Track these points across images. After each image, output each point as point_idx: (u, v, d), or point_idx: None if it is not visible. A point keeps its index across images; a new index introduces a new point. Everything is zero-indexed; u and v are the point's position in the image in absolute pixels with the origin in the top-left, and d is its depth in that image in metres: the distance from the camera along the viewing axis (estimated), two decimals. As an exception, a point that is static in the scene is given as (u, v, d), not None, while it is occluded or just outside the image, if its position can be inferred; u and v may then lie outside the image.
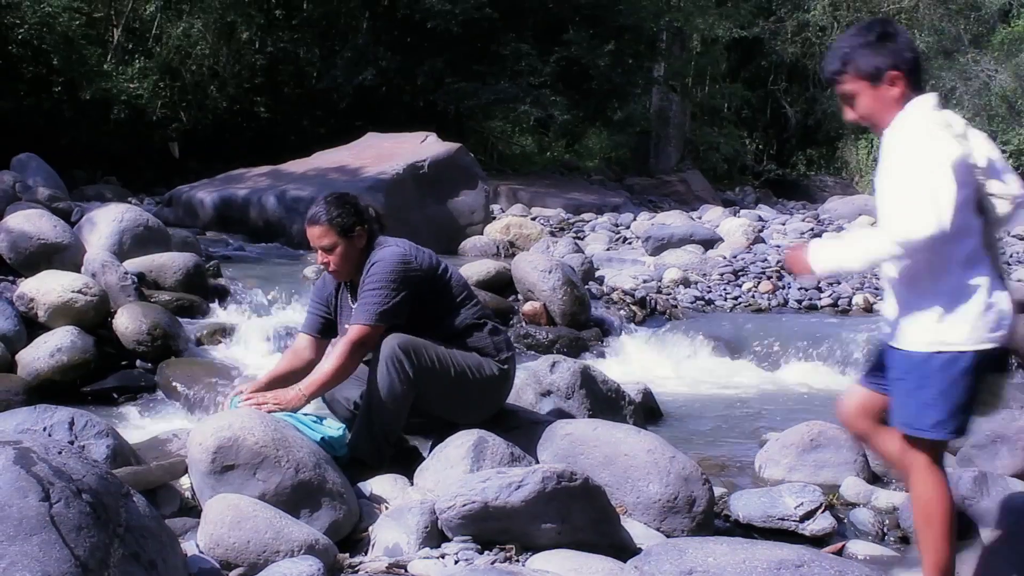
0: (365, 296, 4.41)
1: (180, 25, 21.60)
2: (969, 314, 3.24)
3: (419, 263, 4.52)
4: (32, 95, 18.55)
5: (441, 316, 4.55)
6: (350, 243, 4.52)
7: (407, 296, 4.42)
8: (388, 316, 4.38)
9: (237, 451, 3.82)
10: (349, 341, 4.36)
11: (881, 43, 3.36)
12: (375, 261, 4.45)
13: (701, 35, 30.00)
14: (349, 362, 4.36)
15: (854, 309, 10.54)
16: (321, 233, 4.51)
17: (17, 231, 7.79)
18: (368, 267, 4.47)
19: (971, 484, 4.22)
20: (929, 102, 3.33)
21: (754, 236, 13.74)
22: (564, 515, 3.64)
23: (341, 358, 4.34)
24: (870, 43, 3.36)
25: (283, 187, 13.55)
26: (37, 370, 6.54)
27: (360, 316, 4.39)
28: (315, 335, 4.75)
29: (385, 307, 4.37)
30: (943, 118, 3.30)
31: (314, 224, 4.53)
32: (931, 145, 3.18)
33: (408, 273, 4.44)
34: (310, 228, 4.54)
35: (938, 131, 3.23)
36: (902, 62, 3.34)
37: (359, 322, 4.38)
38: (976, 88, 31.46)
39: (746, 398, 7.43)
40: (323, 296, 4.77)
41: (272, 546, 3.53)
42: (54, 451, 3.00)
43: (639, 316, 9.51)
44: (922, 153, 3.17)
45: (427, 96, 22.06)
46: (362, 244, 4.55)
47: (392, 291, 4.39)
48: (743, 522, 4.39)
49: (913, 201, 3.11)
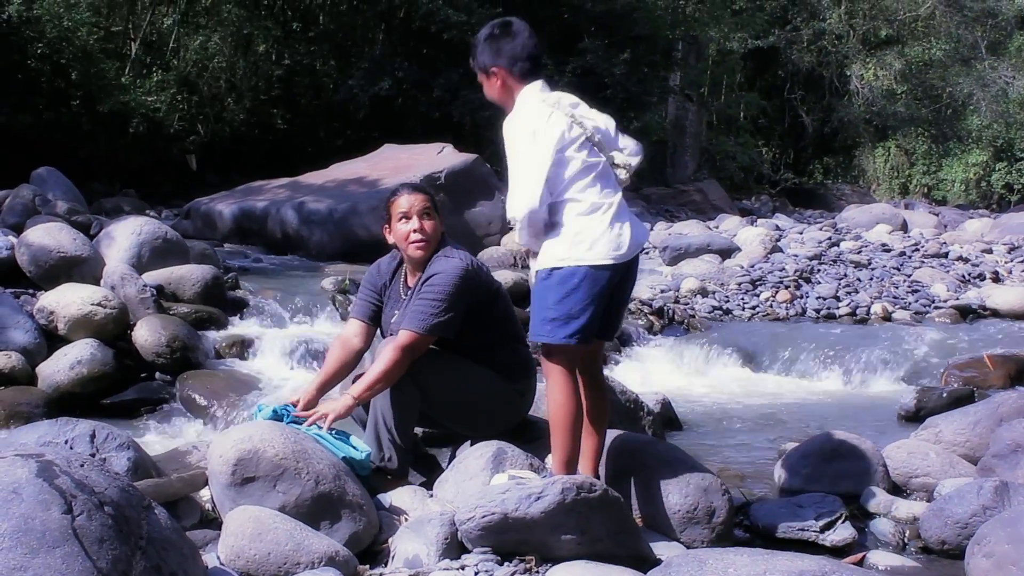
0: (421, 304, 4.40)
1: (197, 38, 21.67)
2: (586, 238, 3.87)
3: (479, 282, 4.52)
4: (51, 109, 18.61)
5: (475, 331, 4.53)
6: (439, 223, 4.58)
7: (461, 313, 4.43)
8: (440, 328, 4.38)
9: (257, 463, 3.83)
10: (399, 346, 4.33)
11: (492, 41, 4.09)
12: (439, 271, 4.45)
13: (717, 45, 29.94)
14: (397, 367, 4.32)
15: (872, 318, 10.50)
16: (424, 199, 4.57)
17: (37, 245, 7.83)
18: (430, 273, 4.46)
19: (992, 494, 4.20)
20: (536, 88, 4.02)
21: (771, 245, 13.70)
22: (584, 526, 3.63)
23: (390, 363, 4.32)
24: (484, 41, 4.12)
25: (301, 199, 13.58)
26: (57, 383, 6.59)
27: (413, 323, 4.37)
28: (366, 321, 4.74)
29: (440, 319, 4.36)
30: (554, 98, 3.99)
31: (417, 192, 4.61)
32: (533, 129, 3.88)
33: (468, 288, 4.44)
34: (412, 194, 4.57)
35: (547, 111, 3.92)
36: (506, 59, 4.03)
37: (411, 328, 4.36)
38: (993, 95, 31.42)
39: (765, 408, 7.41)
40: (376, 284, 4.78)
41: (293, 558, 3.54)
42: (76, 464, 3.01)
43: (657, 326, 9.50)
44: (522, 140, 3.89)
45: (443, 107, 22.07)
46: (439, 235, 4.58)
47: (449, 305, 4.38)
48: (763, 532, 4.38)
49: (513, 186, 3.89)
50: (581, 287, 3.87)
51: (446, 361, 4.50)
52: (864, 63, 32.78)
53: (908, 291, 11.35)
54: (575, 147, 3.93)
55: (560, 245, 3.90)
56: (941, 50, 31.91)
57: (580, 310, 3.87)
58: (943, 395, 6.93)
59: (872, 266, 12.48)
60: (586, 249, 3.88)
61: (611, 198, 3.98)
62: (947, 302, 10.95)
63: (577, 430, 3.99)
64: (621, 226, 3.95)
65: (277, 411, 4.31)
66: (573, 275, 3.87)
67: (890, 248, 13.71)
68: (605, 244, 3.89)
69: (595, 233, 3.89)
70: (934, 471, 4.95)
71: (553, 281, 3.91)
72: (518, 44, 4.05)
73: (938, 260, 13.13)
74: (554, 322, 3.89)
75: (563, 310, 3.88)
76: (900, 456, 5.05)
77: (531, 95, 4.01)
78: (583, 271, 3.88)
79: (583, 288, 3.88)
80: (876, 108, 32.70)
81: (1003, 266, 13.07)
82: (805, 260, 12.49)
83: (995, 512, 4.08)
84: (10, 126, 17.40)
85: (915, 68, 32.85)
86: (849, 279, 11.70)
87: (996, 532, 3.76)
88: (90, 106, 18.97)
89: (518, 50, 4.04)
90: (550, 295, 3.91)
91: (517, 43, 4.05)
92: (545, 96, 4.00)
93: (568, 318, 3.87)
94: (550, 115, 3.92)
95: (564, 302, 3.88)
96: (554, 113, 3.93)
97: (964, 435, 5.32)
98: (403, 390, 4.38)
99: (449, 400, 4.54)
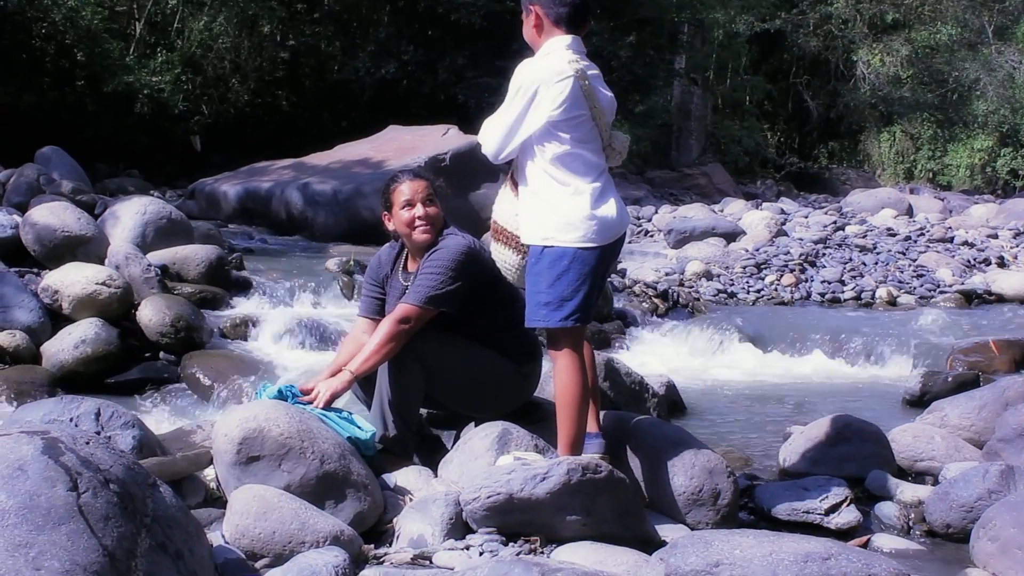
0: (421, 278, 4.41)
1: (202, 19, 21.62)
2: (573, 219, 3.90)
3: (480, 262, 4.51)
4: (55, 89, 18.62)
5: (480, 314, 4.53)
6: (440, 211, 4.59)
7: (462, 287, 4.41)
8: (438, 300, 4.38)
9: (262, 442, 3.83)
10: (394, 319, 4.35)
11: None
12: (439, 248, 4.46)
13: (723, 28, 29.85)
14: (394, 341, 4.33)
15: (877, 302, 10.52)
16: (427, 186, 4.59)
17: (41, 224, 7.82)
18: (431, 252, 4.47)
19: (998, 478, 4.20)
20: (566, 42, 3.95)
21: (776, 229, 13.70)
22: (589, 507, 3.63)
23: (386, 336, 4.33)
24: None
25: (306, 180, 13.56)
26: (61, 362, 6.57)
27: (411, 296, 4.38)
28: (374, 317, 4.72)
29: (438, 292, 4.37)
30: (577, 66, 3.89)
31: (419, 178, 4.62)
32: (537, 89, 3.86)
33: (469, 266, 4.43)
34: (414, 181, 4.58)
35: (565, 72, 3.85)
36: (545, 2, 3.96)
37: (408, 301, 4.37)
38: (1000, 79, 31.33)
39: (769, 391, 7.41)
40: (378, 277, 4.78)
41: (297, 537, 3.54)
42: (82, 441, 3.00)
43: (661, 309, 9.50)
44: (523, 93, 3.88)
45: (448, 89, 22.04)
46: (441, 220, 4.59)
47: (449, 278, 4.38)
48: (768, 515, 4.37)
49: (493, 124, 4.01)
50: (571, 269, 3.92)
51: (452, 343, 4.49)
52: (870, 48, 32.68)
53: (913, 275, 11.36)
54: (576, 122, 3.92)
55: (547, 223, 3.94)
56: (947, 35, 31.80)
57: (573, 291, 3.92)
58: (948, 379, 6.93)
59: (877, 250, 12.49)
60: (574, 231, 3.91)
61: (599, 180, 4.00)
62: (952, 287, 10.96)
63: (584, 411, 4.01)
64: (607, 207, 3.98)
65: (282, 391, 4.31)
66: (562, 256, 3.91)
67: (895, 233, 13.71)
68: (592, 226, 3.92)
69: (582, 215, 3.92)
70: (939, 455, 4.95)
71: (543, 265, 3.95)
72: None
73: (943, 245, 13.13)
74: (548, 306, 3.94)
75: (555, 294, 3.92)
76: (905, 440, 5.05)
77: (558, 48, 3.96)
78: (571, 252, 3.92)
79: (573, 270, 3.92)
80: (882, 93, 32.63)
81: (1008, 251, 13.07)
82: (810, 244, 12.50)
83: (1000, 496, 4.09)
84: (15, 106, 17.43)
85: (921, 53, 32.75)
86: (854, 263, 11.71)
87: (1001, 516, 3.76)
88: (95, 86, 18.98)
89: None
90: (542, 280, 3.96)
91: None
92: (572, 58, 3.92)
93: (561, 301, 3.92)
94: (563, 79, 3.86)
95: (556, 285, 3.93)
96: (570, 81, 3.86)
97: (969, 419, 5.31)
98: (408, 371, 4.38)
99: (455, 382, 4.54)
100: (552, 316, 3.93)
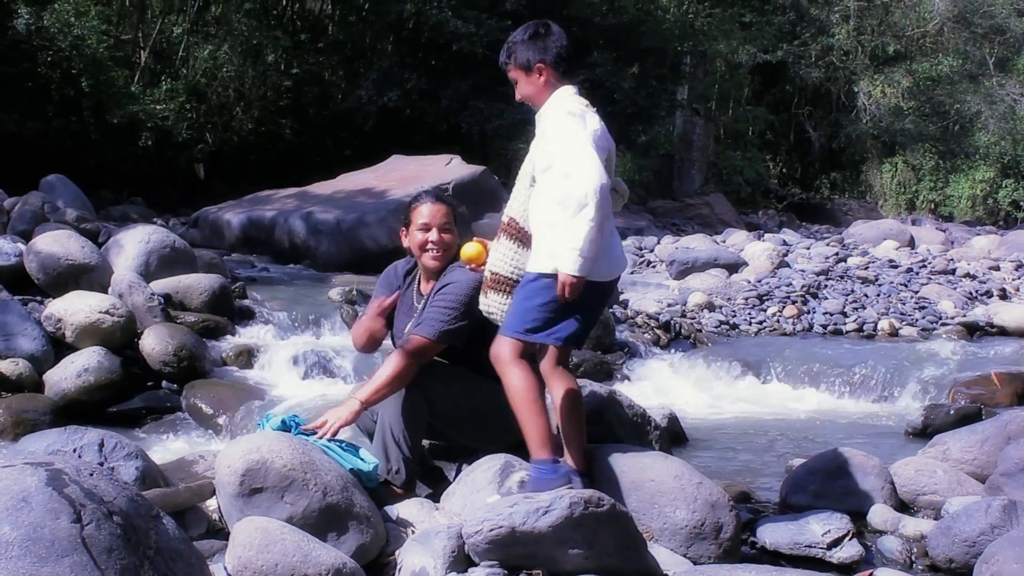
0: (432, 311, 4.45)
1: (207, 47, 21.75)
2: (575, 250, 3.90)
3: None
4: (60, 117, 18.69)
5: (481, 345, 4.52)
6: (456, 236, 4.62)
7: (471, 324, 4.44)
8: (449, 336, 4.42)
9: (265, 474, 3.83)
10: (408, 351, 4.38)
11: (533, 40, 4.21)
12: (452, 281, 4.50)
13: (725, 59, 29.96)
14: (404, 372, 4.35)
15: (879, 334, 10.49)
16: (446, 213, 4.62)
17: (45, 252, 7.84)
18: (444, 282, 4.51)
19: (1000, 513, 4.19)
20: (572, 90, 4.20)
21: (779, 260, 13.69)
22: (591, 540, 3.63)
23: (397, 368, 4.35)
24: (526, 40, 4.22)
25: (309, 209, 13.60)
26: (64, 390, 6.59)
27: (424, 329, 4.41)
28: None
29: (450, 327, 4.41)
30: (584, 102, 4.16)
31: (440, 202, 4.65)
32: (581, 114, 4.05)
33: (477, 302, 4.46)
34: (434, 204, 4.62)
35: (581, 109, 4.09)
36: (552, 56, 4.18)
37: (421, 334, 4.41)
38: (1001, 112, 31.40)
39: (771, 423, 7.39)
40: (392, 285, 4.85)
41: (300, 569, 3.54)
42: (85, 473, 3.02)
43: (663, 340, 9.49)
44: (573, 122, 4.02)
45: (451, 118, 22.13)
46: (454, 248, 4.61)
47: (460, 314, 4.42)
48: (770, 549, 4.36)
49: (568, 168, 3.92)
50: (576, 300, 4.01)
51: (455, 374, 4.51)
52: (872, 79, 32.79)
53: (915, 307, 11.35)
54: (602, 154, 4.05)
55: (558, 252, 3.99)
56: (949, 66, 31.91)
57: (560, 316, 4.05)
58: (950, 412, 6.92)
59: (879, 282, 12.47)
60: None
61: (609, 219, 4.10)
62: (954, 319, 10.95)
63: (543, 406, 4.11)
64: (614, 247, 4.17)
65: (285, 421, 4.31)
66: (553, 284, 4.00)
67: (897, 264, 13.70)
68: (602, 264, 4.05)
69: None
70: (942, 489, 4.94)
71: (539, 285, 4.05)
72: (561, 44, 4.23)
73: (945, 277, 13.12)
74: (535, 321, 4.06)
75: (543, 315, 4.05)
76: (907, 473, 5.04)
77: (569, 95, 4.19)
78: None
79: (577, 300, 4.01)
80: (883, 124, 32.70)
81: (1010, 283, 13.05)
82: (812, 275, 12.49)
83: (1003, 531, 4.07)
84: (20, 134, 17.48)
85: (923, 84, 32.85)
86: (856, 295, 11.70)
87: (1004, 551, 3.75)
88: (99, 114, 19.05)
89: (561, 49, 4.21)
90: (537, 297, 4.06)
91: (560, 43, 4.23)
92: (581, 100, 4.18)
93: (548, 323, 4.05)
94: (594, 112, 4.15)
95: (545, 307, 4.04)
96: (590, 114, 4.13)
97: (972, 453, 5.30)
98: (411, 401, 4.39)
99: (457, 412, 4.55)
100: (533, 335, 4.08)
